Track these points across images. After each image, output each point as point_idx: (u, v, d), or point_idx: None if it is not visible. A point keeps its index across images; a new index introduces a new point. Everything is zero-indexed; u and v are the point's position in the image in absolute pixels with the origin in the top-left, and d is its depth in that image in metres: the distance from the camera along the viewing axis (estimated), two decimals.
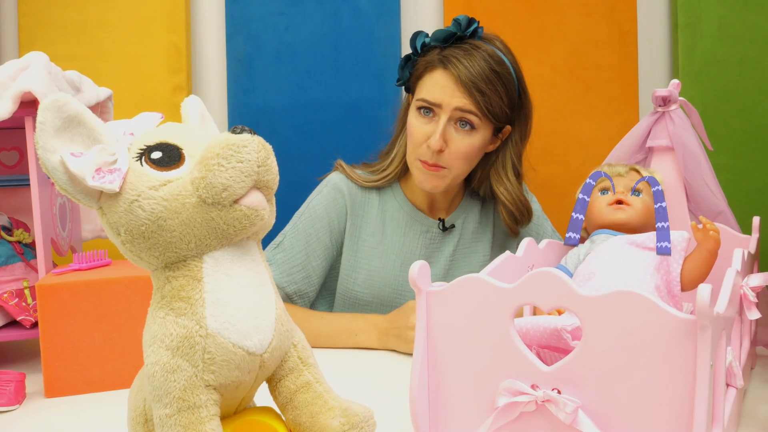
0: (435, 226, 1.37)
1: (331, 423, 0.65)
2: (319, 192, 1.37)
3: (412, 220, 1.37)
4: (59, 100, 0.56)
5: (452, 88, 1.23)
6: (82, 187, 0.58)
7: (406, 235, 1.36)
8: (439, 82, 1.24)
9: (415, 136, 1.27)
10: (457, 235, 1.39)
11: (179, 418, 0.57)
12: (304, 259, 1.32)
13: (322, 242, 1.34)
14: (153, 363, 0.58)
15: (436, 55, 1.26)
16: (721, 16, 1.71)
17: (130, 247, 0.59)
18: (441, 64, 1.24)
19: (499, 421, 0.70)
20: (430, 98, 1.24)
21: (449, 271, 1.38)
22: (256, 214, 0.60)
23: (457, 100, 1.23)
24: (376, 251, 1.35)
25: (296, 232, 1.33)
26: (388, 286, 1.35)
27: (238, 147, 0.57)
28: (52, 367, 1.04)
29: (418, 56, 1.29)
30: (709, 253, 0.90)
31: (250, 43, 1.84)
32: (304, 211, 1.35)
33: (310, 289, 1.34)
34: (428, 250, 1.37)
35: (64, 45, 1.81)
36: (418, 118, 1.27)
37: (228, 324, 0.59)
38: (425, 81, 1.26)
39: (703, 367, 0.62)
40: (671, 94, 1.10)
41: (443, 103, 1.24)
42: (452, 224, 1.38)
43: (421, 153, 1.27)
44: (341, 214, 1.35)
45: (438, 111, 1.25)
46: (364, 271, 1.35)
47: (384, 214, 1.37)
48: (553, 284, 0.67)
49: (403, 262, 1.35)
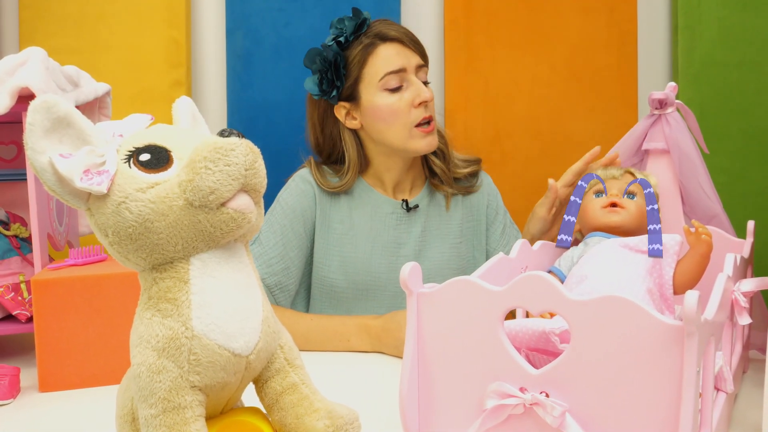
0: (399, 206, 1.41)
1: (316, 425, 0.65)
2: (288, 186, 1.40)
3: (377, 203, 1.40)
4: (48, 102, 0.56)
5: (404, 51, 1.33)
6: (71, 188, 0.58)
7: (373, 219, 1.39)
8: (390, 53, 1.32)
9: (401, 109, 1.32)
10: (423, 215, 1.42)
11: (164, 418, 0.57)
12: (282, 250, 1.34)
13: (297, 233, 1.36)
14: (139, 363, 0.59)
15: (365, 40, 1.32)
16: (721, 18, 1.71)
17: (117, 248, 0.60)
18: (380, 39, 1.32)
19: (488, 423, 0.70)
20: (394, 67, 1.31)
21: (421, 252, 1.40)
22: (243, 217, 0.60)
23: (413, 58, 1.34)
24: (346, 237, 1.38)
25: (271, 226, 1.36)
26: (362, 270, 1.38)
27: (225, 150, 0.57)
28: (47, 361, 1.05)
29: (341, 58, 1.33)
30: (702, 256, 0.90)
31: (250, 39, 1.84)
32: (276, 205, 1.39)
33: (290, 281, 1.35)
34: (396, 231, 1.40)
35: (63, 38, 1.81)
36: (391, 96, 1.32)
37: (214, 326, 0.59)
38: (372, 64, 1.32)
39: (690, 373, 0.62)
40: (668, 97, 1.10)
41: (406, 66, 1.32)
42: (416, 204, 1.41)
43: (414, 118, 1.32)
44: (311, 204, 1.38)
45: (404, 75, 1.32)
46: (336, 259, 1.38)
47: (351, 202, 1.40)
48: (542, 288, 0.68)
49: (373, 245, 1.38)
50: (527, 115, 1.84)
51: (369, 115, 1.33)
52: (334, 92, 1.34)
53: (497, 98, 1.83)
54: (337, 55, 1.32)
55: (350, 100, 1.35)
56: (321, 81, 1.34)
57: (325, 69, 1.33)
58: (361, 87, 1.33)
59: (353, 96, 1.34)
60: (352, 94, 1.34)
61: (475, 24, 1.83)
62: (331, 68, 1.32)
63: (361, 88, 1.33)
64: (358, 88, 1.33)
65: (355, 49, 1.32)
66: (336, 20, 1.34)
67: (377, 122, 1.33)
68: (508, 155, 1.84)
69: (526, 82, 1.83)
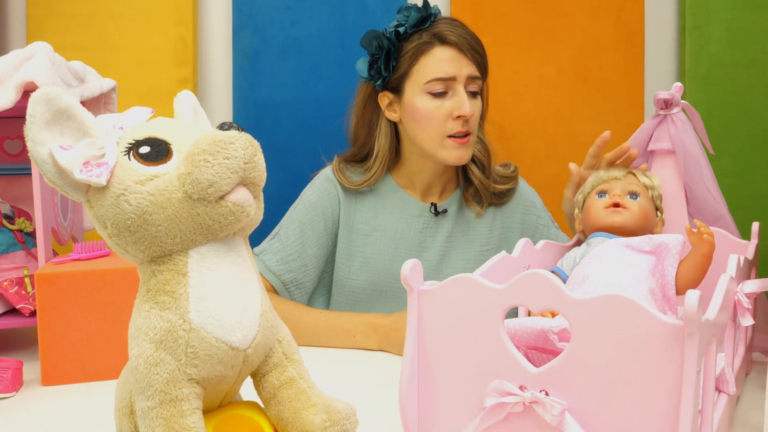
0: (427, 210, 1.38)
1: (313, 419, 0.65)
2: (312, 184, 1.39)
3: (405, 205, 1.38)
4: (49, 93, 0.57)
5: (458, 59, 1.28)
6: (70, 180, 0.58)
7: (398, 220, 1.37)
8: (443, 57, 1.27)
9: (438, 117, 1.28)
10: (451, 220, 1.39)
11: (161, 410, 0.57)
12: (300, 247, 1.34)
13: (317, 231, 1.35)
14: (136, 356, 0.59)
15: (424, 36, 1.28)
16: (729, 19, 1.70)
17: (116, 240, 0.60)
18: (437, 40, 1.28)
19: (487, 421, 0.70)
20: (442, 74, 1.27)
21: (445, 258, 1.38)
22: (242, 210, 0.60)
23: (466, 68, 1.28)
24: (369, 238, 1.37)
25: (291, 222, 1.36)
26: (383, 272, 1.36)
27: (224, 143, 0.57)
28: (50, 355, 1.05)
29: (395, 49, 1.30)
30: (704, 256, 0.90)
31: (257, 37, 1.85)
32: (299, 202, 1.38)
33: (306, 279, 1.35)
34: (422, 234, 1.38)
35: (71, 35, 1.81)
36: (433, 100, 1.28)
37: (212, 319, 0.59)
38: (423, 64, 1.28)
39: (690, 373, 0.61)
40: (673, 97, 1.09)
41: (457, 75, 1.28)
42: (444, 209, 1.39)
43: (450, 129, 1.29)
44: (334, 204, 1.37)
45: (452, 84, 1.28)
46: (358, 259, 1.36)
47: (376, 202, 1.38)
48: (543, 286, 0.67)
49: (396, 247, 1.37)
50: (534, 115, 1.83)
51: (407, 112, 1.31)
52: (381, 80, 1.32)
53: (504, 98, 1.83)
54: (392, 45, 1.29)
55: (395, 92, 1.33)
56: (371, 65, 1.32)
57: (378, 55, 1.31)
58: (407, 83, 1.30)
59: (398, 89, 1.32)
60: (398, 87, 1.32)
61: (482, 24, 1.82)
62: (383, 56, 1.30)
63: (407, 84, 1.30)
64: (404, 82, 1.31)
65: (411, 42, 1.29)
66: (404, 7, 1.30)
67: (413, 122, 1.31)
68: (514, 155, 1.83)
69: (532, 83, 1.83)
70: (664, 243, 0.91)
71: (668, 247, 0.90)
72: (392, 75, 1.31)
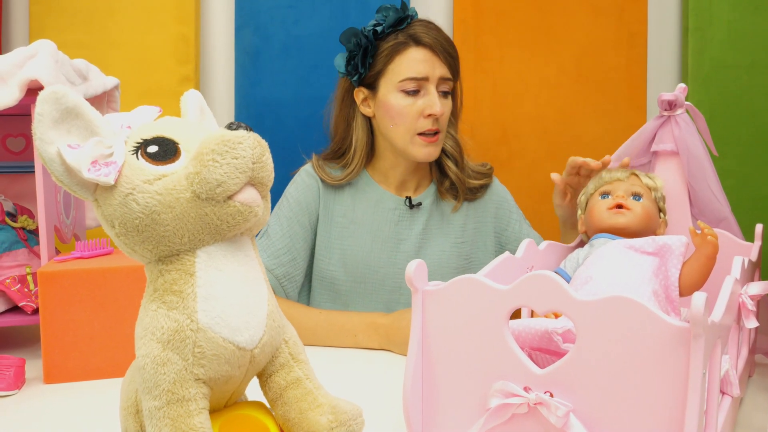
0: (402, 203, 1.43)
1: (319, 420, 0.65)
2: (294, 181, 1.44)
3: (380, 198, 1.42)
4: (57, 92, 0.56)
5: (432, 60, 1.33)
6: (78, 179, 0.58)
7: (375, 213, 1.42)
8: (417, 57, 1.32)
9: (410, 114, 1.33)
10: (425, 213, 1.44)
11: (168, 410, 0.57)
12: (288, 242, 1.38)
13: (303, 225, 1.40)
14: (144, 355, 0.59)
15: (400, 36, 1.33)
16: (732, 20, 1.70)
17: (124, 239, 0.60)
18: (412, 41, 1.33)
19: (491, 423, 0.70)
20: (416, 74, 1.32)
21: (421, 249, 1.42)
22: (250, 210, 0.60)
23: (439, 69, 1.34)
24: (347, 231, 1.41)
25: (278, 219, 1.40)
26: (361, 263, 1.40)
27: (233, 143, 0.57)
28: (52, 353, 1.05)
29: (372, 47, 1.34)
30: (707, 258, 0.90)
31: (258, 36, 1.85)
32: (283, 199, 1.43)
33: (297, 272, 1.39)
34: (398, 227, 1.42)
35: (73, 33, 1.81)
36: (405, 98, 1.33)
37: (219, 319, 0.59)
38: (398, 63, 1.33)
39: (696, 375, 0.61)
40: (677, 98, 1.09)
41: (429, 75, 1.33)
42: (419, 202, 1.43)
43: (420, 126, 1.34)
44: (315, 197, 1.41)
45: (424, 83, 1.33)
46: (337, 251, 1.40)
47: (354, 196, 1.42)
48: (548, 287, 0.67)
49: (374, 239, 1.41)
50: (535, 115, 1.83)
51: (381, 108, 1.36)
52: (357, 76, 1.36)
53: (505, 98, 1.83)
54: (369, 42, 1.34)
55: (370, 88, 1.37)
56: (349, 61, 1.37)
57: (356, 52, 1.35)
58: (381, 80, 1.35)
59: (373, 85, 1.37)
60: (373, 84, 1.37)
61: (484, 24, 1.82)
62: (360, 53, 1.35)
63: (382, 82, 1.35)
64: (380, 80, 1.36)
65: (388, 42, 1.34)
66: (383, 7, 1.35)
67: (386, 118, 1.36)
68: (515, 155, 1.84)
69: (534, 83, 1.83)
70: (668, 244, 0.91)
71: (671, 248, 0.90)
72: (368, 72, 1.36)
